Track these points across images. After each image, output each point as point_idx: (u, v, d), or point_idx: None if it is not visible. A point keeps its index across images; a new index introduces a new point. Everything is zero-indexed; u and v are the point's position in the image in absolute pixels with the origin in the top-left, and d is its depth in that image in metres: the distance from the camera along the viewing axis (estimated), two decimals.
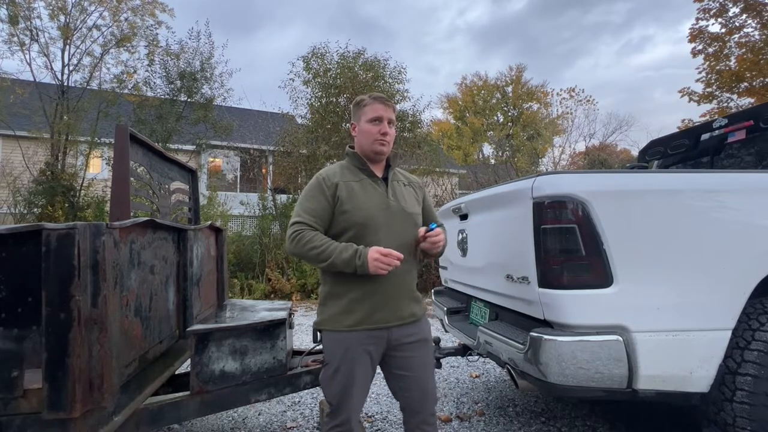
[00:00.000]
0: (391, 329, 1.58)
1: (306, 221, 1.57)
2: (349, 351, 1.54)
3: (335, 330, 1.57)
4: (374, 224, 1.57)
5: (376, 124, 1.63)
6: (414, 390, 1.60)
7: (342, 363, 1.54)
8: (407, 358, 1.60)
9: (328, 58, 10.69)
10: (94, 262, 1.46)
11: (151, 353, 2.00)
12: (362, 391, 1.58)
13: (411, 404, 1.62)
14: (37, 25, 10.79)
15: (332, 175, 1.63)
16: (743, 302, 1.67)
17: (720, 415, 1.67)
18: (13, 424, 1.42)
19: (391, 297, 1.57)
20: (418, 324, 1.64)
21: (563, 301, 1.67)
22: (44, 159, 10.85)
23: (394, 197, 1.65)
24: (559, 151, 22.29)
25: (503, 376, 3.59)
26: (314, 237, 1.54)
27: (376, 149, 1.63)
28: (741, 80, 11.22)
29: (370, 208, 1.58)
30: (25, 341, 1.45)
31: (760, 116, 2.71)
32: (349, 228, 1.57)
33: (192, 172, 3.12)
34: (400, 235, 1.60)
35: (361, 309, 1.55)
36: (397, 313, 1.58)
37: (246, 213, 10.83)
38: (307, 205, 1.60)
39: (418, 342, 1.62)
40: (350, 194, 1.59)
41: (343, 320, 1.56)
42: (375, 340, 1.56)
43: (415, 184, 1.79)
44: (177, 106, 11.72)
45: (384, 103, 1.66)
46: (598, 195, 1.68)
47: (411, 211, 1.66)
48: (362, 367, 1.55)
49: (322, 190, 1.60)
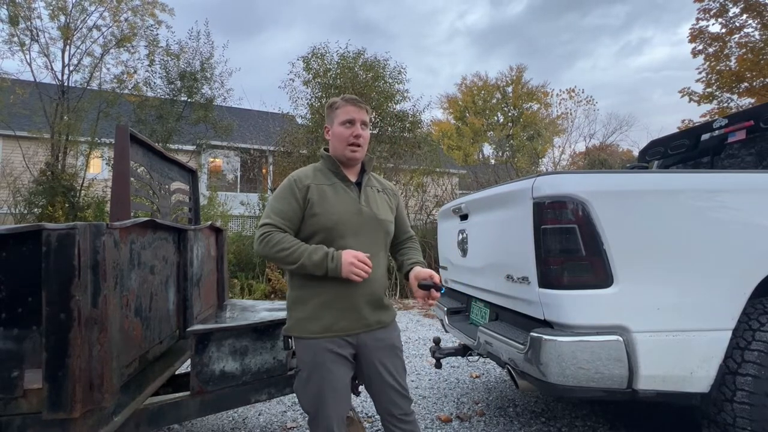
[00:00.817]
0: (358, 335, 1.56)
1: (275, 223, 1.55)
2: (318, 356, 1.51)
3: (302, 336, 1.55)
4: (343, 229, 1.54)
5: (348, 126, 1.60)
6: (385, 393, 1.59)
7: (313, 369, 1.51)
8: (377, 364, 1.58)
9: (328, 58, 10.68)
10: (94, 262, 1.46)
11: (151, 353, 2.00)
12: (340, 395, 1.53)
13: (384, 406, 1.61)
14: (38, 25, 10.80)
15: (304, 177, 1.61)
16: (743, 302, 1.67)
17: (720, 415, 1.67)
18: (13, 424, 1.42)
19: (357, 305, 1.55)
20: (385, 330, 1.62)
21: (563, 302, 1.67)
22: (44, 159, 10.85)
23: (366, 203, 1.62)
24: (559, 152, 22.29)
25: (503, 377, 3.59)
26: (283, 239, 1.52)
27: (348, 155, 1.61)
28: (741, 80, 11.22)
29: (341, 212, 1.56)
30: (26, 341, 1.45)
31: (760, 116, 2.71)
32: (318, 231, 1.55)
33: (192, 173, 3.12)
34: (369, 241, 1.58)
35: (326, 316, 1.53)
36: (363, 321, 1.56)
37: (246, 213, 10.84)
38: (277, 207, 1.58)
39: (386, 347, 1.60)
40: (321, 197, 1.57)
41: (310, 326, 1.54)
42: (343, 346, 1.54)
43: (389, 191, 1.77)
44: (177, 106, 11.72)
45: (356, 104, 1.62)
46: (598, 195, 1.68)
47: (382, 218, 1.63)
48: (335, 371, 1.51)
49: (293, 191, 1.57)
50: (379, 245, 1.62)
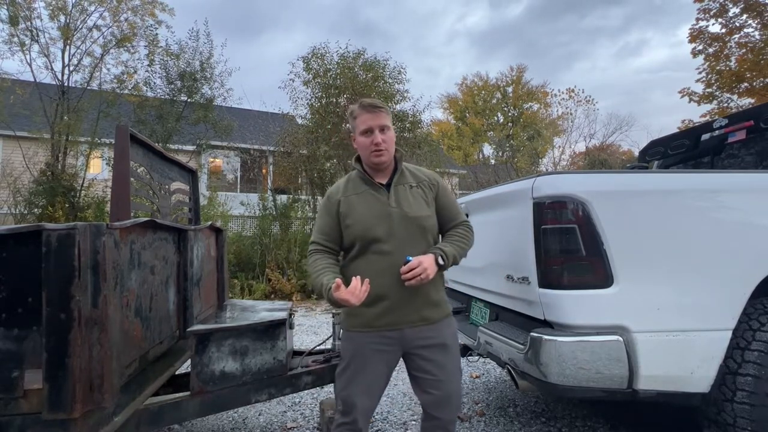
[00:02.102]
0: (402, 330, 1.57)
1: (318, 240, 1.66)
2: (359, 350, 1.58)
3: (346, 329, 1.65)
4: (375, 234, 1.56)
5: (368, 135, 1.61)
6: (431, 394, 1.58)
7: (352, 360, 1.59)
8: (423, 361, 1.59)
9: (328, 58, 10.68)
10: (94, 262, 1.46)
11: (151, 353, 2.00)
12: (372, 391, 1.58)
13: (427, 408, 1.62)
14: (38, 25, 10.78)
15: (335, 192, 1.68)
16: (744, 302, 1.67)
17: (720, 415, 1.67)
18: (14, 424, 1.42)
19: (400, 304, 1.56)
20: (434, 327, 1.60)
21: (563, 302, 1.67)
22: (44, 159, 10.84)
23: (396, 203, 1.60)
24: (559, 152, 22.27)
25: (503, 377, 3.59)
26: (315, 261, 1.62)
27: (374, 161, 1.63)
28: (741, 80, 11.22)
29: (368, 218, 1.57)
30: (26, 341, 1.45)
31: (760, 116, 2.71)
32: (354, 241, 1.59)
33: (192, 173, 3.12)
34: (405, 241, 1.56)
35: (366, 313, 1.57)
36: (407, 318, 1.57)
37: (246, 213, 10.82)
38: (318, 224, 1.69)
39: (435, 346, 1.59)
40: (350, 208, 1.61)
41: (353, 321, 1.62)
42: (386, 342, 1.57)
43: (425, 183, 1.70)
44: (177, 106, 11.71)
45: (371, 111, 1.61)
46: (598, 195, 1.68)
47: (415, 215, 1.60)
48: (373, 366, 1.57)
49: (328, 208, 1.66)
50: (417, 242, 1.59)
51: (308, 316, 6.56)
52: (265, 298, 7.83)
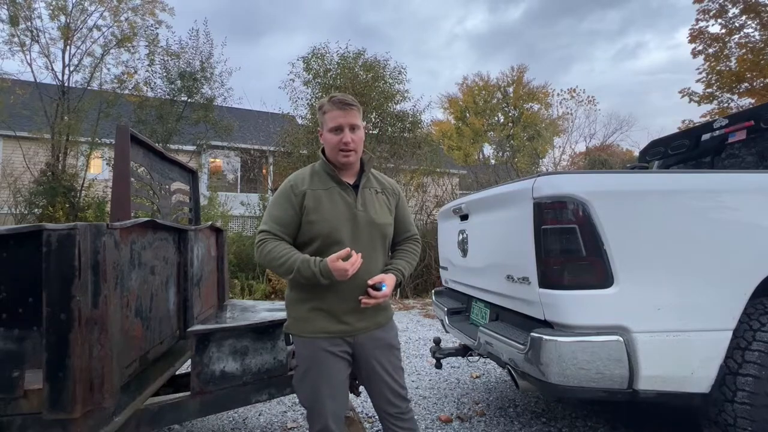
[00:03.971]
0: (356, 337, 1.56)
1: (271, 229, 1.55)
2: (316, 353, 1.52)
3: (299, 335, 1.57)
4: (339, 235, 1.52)
5: (337, 133, 1.55)
6: (382, 392, 1.59)
7: (310, 365, 1.53)
8: (372, 362, 1.58)
9: (328, 58, 10.68)
10: (94, 262, 1.46)
11: (151, 354, 2.00)
12: (337, 391, 1.54)
13: (381, 405, 1.61)
14: (38, 25, 10.79)
15: (300, 183, 1.59)
16: (744, 303, 1.67)
17: (721, 415, 1.67)
18: (14, 424, 1.42)
19: (355, 308, 1.54)
20: (383, 329, 1.62)
21: (564, 302, 1.67)
22: (45, 159, 10.85)
23: (363, 207, 1.59)
24: (560, 152, 22.25)
25: (504, 377, 3.59)
26: (275, 248, 1.51)
27: (341, 161, 1.58)
28: (741, 81, 11.23)
29: (336, 219, 1.53)
30: (26, 342, 1.45)
31: (760, 116, 2.71)
32: (315, 238, 1.54)
33: (192, 173, 3.12)
34: (366, 245, 1.55)
35: (321, 318, 1.53)
36: (361, 323, 1.56)
37: (246, 213, 10.84)
38: (274, 213, 1.58)
39: (383, 347, 1.61)
40: (317, 204, 1.55)
41: (305, 327, 1.55)
42: (340, 342, 1.55)
43: (389, 190, 1.71)
44: (177, 106, 11.71)
45: (342, 108, 1.55)
46: (598, 195, 1.68)
47: (380, 222, 1.60)
48: (332, 369, 1.52)
49: (289, 198, 1.57)
50: (377, 248, 1.60)
51: None
52: (265, 299, 7.83)
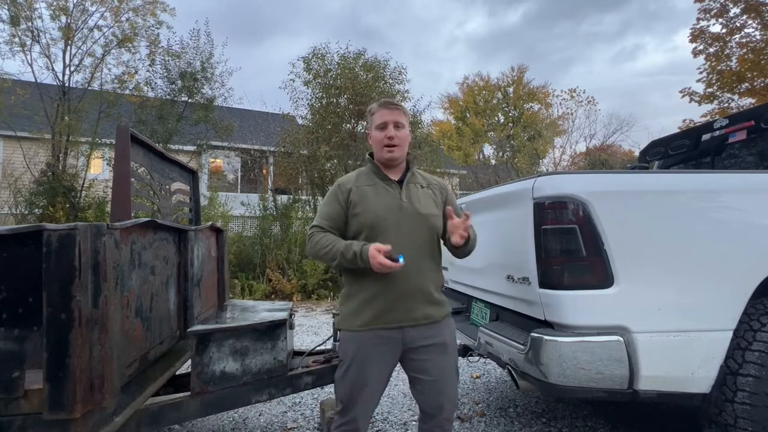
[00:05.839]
0: (404, 329, 1.58)
1: (320, 224, 1.67)
2: (361, 350, 1.57)
3: (348, 330, 1.62)
4: (384, 225, 1.58)
5: (382, 129, 1.67)
6: (429, 394, 1.60)
7: (353, 361, 1.58)
8: (423, 361, 1.60)
9: (328, 59, 10.67)
10: (95, 262, 1.47)
11: (151, 354, 2.00)
12: (373, 392, 1.59)
13: (426, 408, 1.63)
14: (39, 25, 10.79)
15: (347, 181, 1.70)
16: (744, 303, 1.66)
17: (721, 415, 1.66)
18: (14, 424, 1.43)
19: (403, 298, 1.57)
20: (435, 327, 1.62)
21: (564, 302, 1.67)
22: (45, 160, 10.85)
23: (408, 198, 1.65)
24: (560, 152, 22.23)
25: (504, 377, 3.58)
26: (322, 238, 1.62)
27: (386, 156, 1.67)
28: (742, 80, 11.21)
29: (380, 209, 1.61)
30: (26, 342, 1.45)
31: (760, 116, 2.71)
32: (361, 230, 1.62)
33: (193, 173, 3.12)
34: (411, 236, 1.60)
35: (370, 310, 1.58)
36: (410, 314, 1.58)
37: (247, 213, 10.82)
38: (323, 210, 1.70)
39: (435, 345, 1.60)
40: (362, 197, 1.64)
41: (355, 320, 1.61)
42: (387, 341, 1.57)
43: (434, 186, 1.78)
44: (178, 106, 11.71)
45: (388, 107, 1.69)
46: (598, 195, 1.68)
47: (425, 213, 1.65)
48: (374, 368, 1.56)
49: (337, 195, 1.68)
50: (423, 239, 1.63)
51: (309, 316, 6.56)
52: (265, 299, 7.83)
